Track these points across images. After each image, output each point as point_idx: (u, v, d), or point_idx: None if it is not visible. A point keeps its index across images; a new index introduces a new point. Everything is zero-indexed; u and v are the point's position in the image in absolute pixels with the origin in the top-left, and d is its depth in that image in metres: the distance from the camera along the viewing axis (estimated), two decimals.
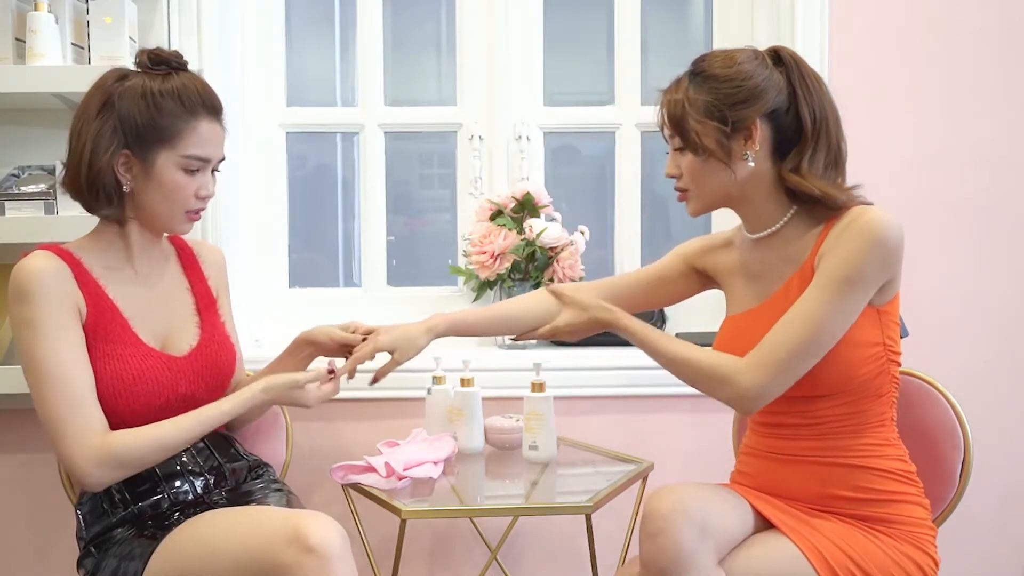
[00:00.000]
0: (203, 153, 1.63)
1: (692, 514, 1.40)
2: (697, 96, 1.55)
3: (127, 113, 1.59)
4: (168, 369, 1.63)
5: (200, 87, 1.64)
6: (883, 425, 1.59)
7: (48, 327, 1.54)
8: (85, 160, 1.58)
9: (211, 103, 1.65)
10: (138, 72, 1.64)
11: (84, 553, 1.64)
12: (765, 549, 1.49)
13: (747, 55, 1.57)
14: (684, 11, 2.74)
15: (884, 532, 1.54)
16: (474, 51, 2.45)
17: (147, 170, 1.61)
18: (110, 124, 1.59)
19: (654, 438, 2.28)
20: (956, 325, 2.33)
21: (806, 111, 1.55)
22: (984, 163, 2.32)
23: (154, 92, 1.60)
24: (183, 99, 1.61)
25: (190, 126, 1.61)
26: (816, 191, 1.53)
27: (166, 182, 1.61)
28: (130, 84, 1.61)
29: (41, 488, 2.23)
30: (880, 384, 1.57)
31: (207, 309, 1.77)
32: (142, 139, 1.60)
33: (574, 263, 2.31)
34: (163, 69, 1.63)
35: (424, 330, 1.74)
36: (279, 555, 1.41)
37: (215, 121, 1.66)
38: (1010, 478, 2.34)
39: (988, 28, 2.31)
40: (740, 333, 1.62)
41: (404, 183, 2.73)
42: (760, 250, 1.64)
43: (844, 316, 1.49)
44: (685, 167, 1.59)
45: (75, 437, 1.52)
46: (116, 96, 1.60)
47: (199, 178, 1.64)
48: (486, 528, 2.21)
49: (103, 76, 1.64)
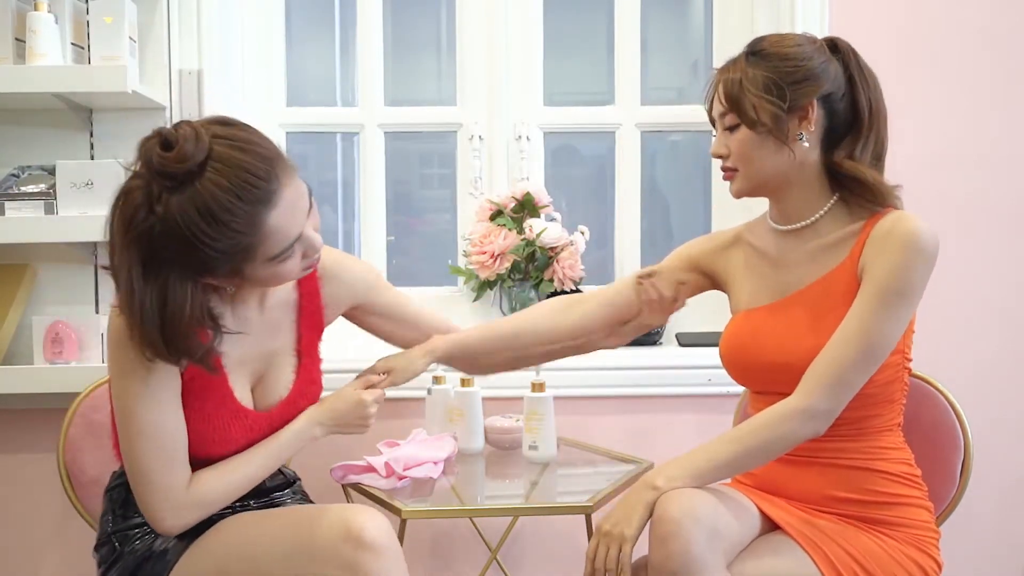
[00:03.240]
0: (289, 241, 1.37)
1: (702, 518, 1.39)
2: (756, 72, 1.54)
3: (183, 257, 1.32)
4: (250, 430, 1.55)
5: (237, 184, 1.30)
6: (891, 429, 1.59)
7: (147, 381, 1.41)
8: (154, 326, 1.33)
9: (260, 192, 1.32)
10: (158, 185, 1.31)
11: (104, 540, 1.58)
12: (771, 552, 1.48)
13: (805, 38, 1.57)
14: (684, 11, 2.74)
15: (888, 534, 1.53)
16: (474, 51, 2.45)
17: (240, 280, 1.41)
18: (172, 276, 1.32)
19: (654, 438, 2.28)
20: (956, 325, 2.32)
21: (863, 100, 1.55)
22: (984, 163, 2.32)
23: (196, 229, 1.29)
24: (231, 223, 1.30)
25: (260, 234, 1.33)
26: (869, 178, 1.53)
27: (267, 277, 1.42)
28: (165, 218, 1.30)
29: (41, 488, 2.23)
30: (893, 391, 1.57)
31: (308, 350, 1.62)
32: (216, 268, 1.35)
33: (574, 263, 2.31)
34: (182, 182, 1.30)
35: (420, 355, 1.70)
36: (334, 553, 1.39)
37: (280, 198, 1.34)
38: (1010, 478, 2.34)
39: (988, 28, 2.31)
40: (760, 327, 1.60)
41: (404, 183, 2.73)
42: (789, 242, 1.62)
43: (897, 327, 1.49)
44: (735, 146, 1.57)
45: (163, 491, 1.45)
46: (157, 240, 1.30)
47: (299, 246, 1.40)
48: (486, 528, 2.21)
49: (124, 206, 1.32)
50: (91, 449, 1.93)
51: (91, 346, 2.13)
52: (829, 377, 1.47)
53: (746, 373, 1.64)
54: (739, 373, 1.66)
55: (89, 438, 1.93)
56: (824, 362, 1.48)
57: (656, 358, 2.30)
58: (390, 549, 1.42)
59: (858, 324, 1.48)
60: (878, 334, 1.47)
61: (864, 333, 1.47)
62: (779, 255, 1.63)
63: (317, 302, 1.63)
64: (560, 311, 1.77)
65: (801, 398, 1.48)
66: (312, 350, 1.64)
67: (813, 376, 1.48)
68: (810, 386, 1.48)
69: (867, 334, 1.47)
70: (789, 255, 1.62)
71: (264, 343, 1.57)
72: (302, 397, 1.62)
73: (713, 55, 2.47)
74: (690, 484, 1.45)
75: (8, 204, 2.05)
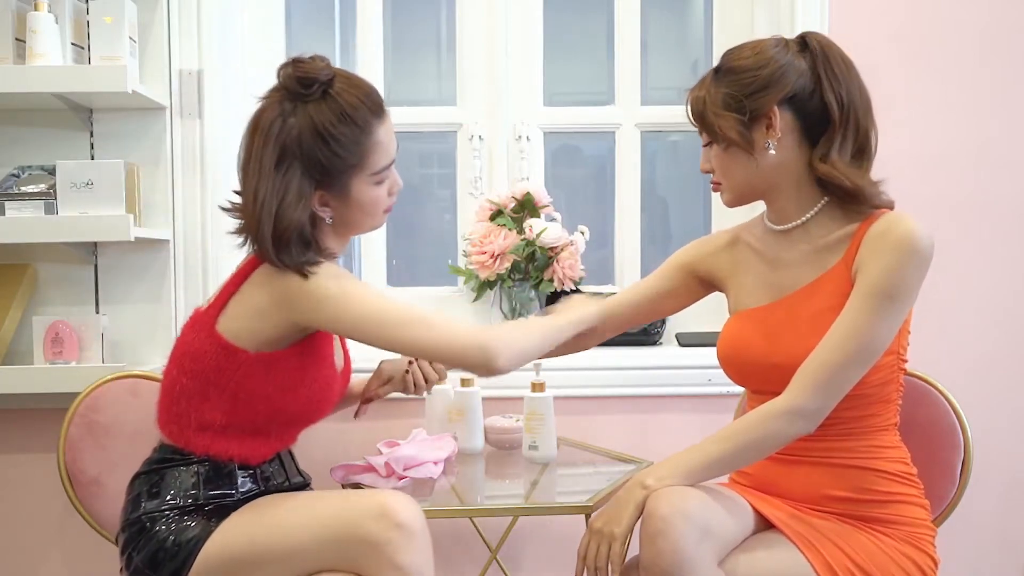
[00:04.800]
0: (389, 159, 1.61)
1: (692, 516, 1.39)
2: (717, 90, 1.55)
3: (310, 157, 1.53)
4: (332, 390, 1.69)
5: (363, 93, 1.57)
6: (887, 429, 1.59)
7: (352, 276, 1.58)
8: (271, 216, 1.51)
9: (378, 106, 1.59)
10: (290, 97, 1.54)
11: (132, 521, 1.58)
12: (765, 550, 1.49)
13: (768, 44, 1.56)
14: (684, 11, 2.74)
15: (884, 532, 1.54)
16: (474, 51, 2.45)
17: (344, 199, 1.58)
18: (295, 174, 1.53)
19: (654, 438, 2.28)
20: (956, 325, 2.33)
21: (831, 96, 1.53)
22: (984, 162, 2.32)
23: (328, 124, 1.53)
24: (356, 119, 1.55)
25: (372, 140, 1.57)
26: (847, 182, 1.52)
27: (366, 201, 1.60)
28: (300, 124, 1.53)
29: (41, 488, 2.24)
30: (889, 391, 1.57)
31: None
32: (332, 175, 1.55)
33: (574, 263, 2.31)
34: (318, 89, 1.55)
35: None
36: (367, 530, 1.45)
37: (386, 119, 1.60)
38: (1010, 478, 2.34)
39: (988, 28, 2.31)
40: (757, 327, 1.60)
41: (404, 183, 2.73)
42: (785, 242, 1.62)
43: (890, 329, 1.49)
44: (714, 161, 1.60)
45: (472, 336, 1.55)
46: (291, 143, 1.52)
47: (388, 179, 1.64)
48: (486, 528, 2.21)
49: (258, 120, 1.56)
50: (91, 449, 1.93)
51: (91, 346, 2.13)
52: (818, 377, 1.48)
53: (743, 373, 1.65)
54: (736, 373, 1.66)
55: (89, 438, 1.93)
56: (815, 362, 1.49)
57: (656, 358, 2.30)
58: (422, 534, 1.48)
59: (850, 325, 1.48)
60: (869, 336, 1.47)
61: (855, 334, 1.47)
62: (775, 255, 1.64)
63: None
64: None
65: (790, 397, 1.49)
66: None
67: (803, 376, 1.49)
68: (799, 385, 1.49)
69: (858, 335, 1.47)
70: (785, 255, 1.62)
71: None
72: (349, 362, 1.80)
73: (713, 55, 2.47)
74: (681, 483, 1.46)
75: (8, 204, 2.05)
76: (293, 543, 1.49)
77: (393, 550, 1.44)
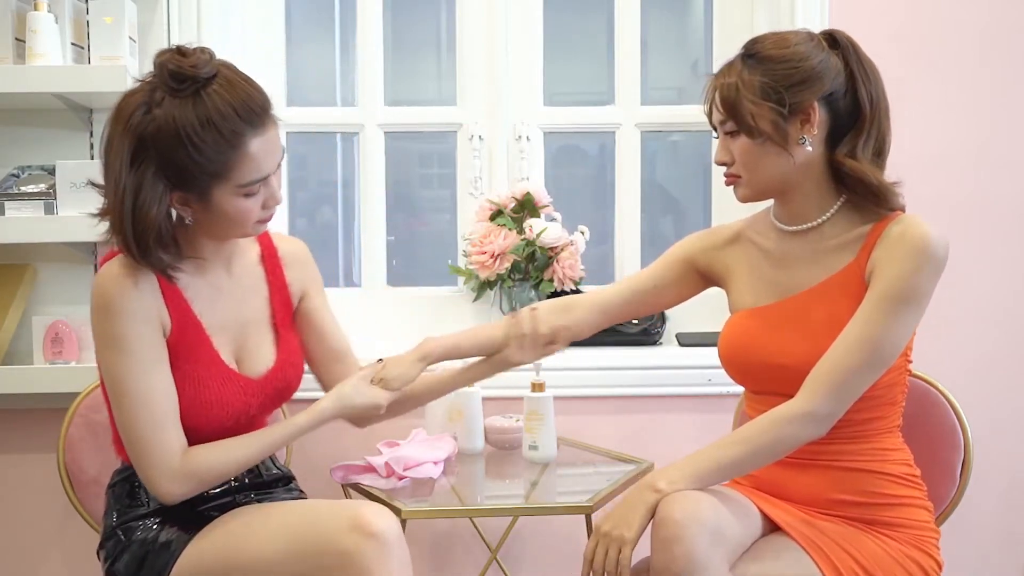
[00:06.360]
0: (260, 174, 1.48)
1: (705, 521, 1.38)
2: (752, 77, 1.50)
3: (165, 157, 1.42)
4: (244, 393, 1.59)
5: (238, 100, 1.44)
6: (892, 431, 1.59)
7: (133, 347, 1.48)
8: (128, 214, 1.43)
9: (254, 115, 1.46)
10: (163, 91, 1.43)
11: (108, 535, 1.60)
12: (774, 554, 1.48)
13: (802, 37, 1.54)
14: (684, 11, 2.75)
15: (889, 535, 1.53)
16: (474, 51, 2.45)
17: (205, 205, 1.49)
18: (150, 172, 1.43)
19: (654, 438, 2.28)
20: (956, 325, 2.32)
21: (864, 95, 1.52)
22: (984, 162, 2.32)
23: (188, 128, 1.41)
24: (221, 129, 1.42)
25: (240, 153, 1.45)
26: (872, 179, 1.50)
27: (229, 211, 1.49)
28: (160, 118, 1.42)
29: (41, 488, 2.23)
30: (896, 393, 1.57)
31: (283, 323, 1.69)
32: (189, 180, 1.45)
33: (574, 263, 2.31)
34: (189, 88, 1.43)
35: (414, 360, 1.69)
36: (340, 542, 1.41)
37: (265, 130, 1.48)
38: (1010, 478, 2.34)
39: (988, 28, 2.31)
40: (761, 327, 1.59)
41: (404, 183, 2.73)
42: (795, 242, 1.60)
43: (904, 333, 1.48)
44: (738, 152, 1.54)
45: (158, 457, 1.49)
46: (148, 138, 1.42)
47: (263, 191, 1.51)
48: (486, 528, 2.21)
49: (123, 104, 1.45)
50: (91, 449, 1.93)
51: (91, 346, 2.11)
52: (832, 381, 1.46)
53: (746, 373, 1.64)
54: (738, 372, 1.65)
55: (89, 438, 1.93)
56: (828, 365, 1.47)
57: (656, 358, 2.30)
58: (396, 544, 1.43)
59: (864, 329, 1.47)
60: (884, 340, 1.47)
61: (870, 339, 1.46)
62: (783, 255, 1.61)
63: (283, 280, 1.71)
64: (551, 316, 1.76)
65: (804, 401, 1.47)
66: (287, 324, 1.70)
67: (816, 379, 1.48)
68: (812, 389, 1.47)
69: (873, 340, 1.46)
70: (793, 255, 1.60)
71: (239, 310, 1.64)
72: (287, 367, 1.67)
73: (713, 55, 2.47)
74: (691, 486, 1.45)
75: (8, 204, 2.05)
76: (268, 556, 1.46)
77: (368, 562, 1.40)
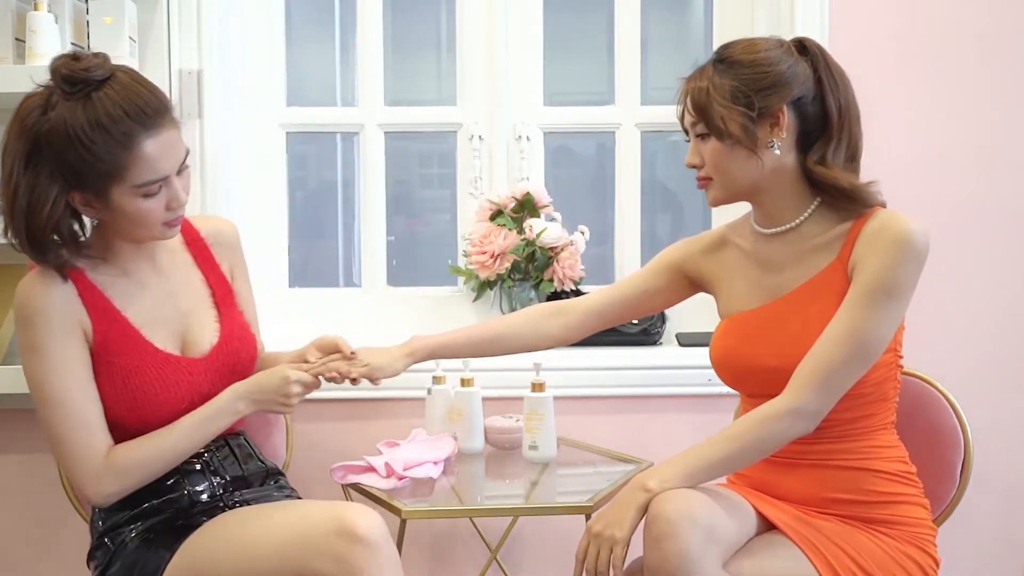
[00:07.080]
0: (157, 175, 1.48)
1: (698, 519, 1.39)
2: (723, 81, 1.53)
3: (59, 157, 1.44)
4: (188, 373, 1.60)
5: (128, 102, 1.45)
6: (885, 428, 1.59)
7: (50, 353, 1.51)
8: (21, 213, 1.46)
9: (145, 117, 1.46)
10: (58, 95, 1.45)
11: (97, 544, 1.61)
12: (769, 552, 1.49)
13: (771, 43, 1.56)
14: (684, 11, 2.75)
15: (885, 533, 1.54)
16: (474, 51, 2.45)
17: (106, 204, 1.49)
18: (45, 172, 1.45)
19: (654, 438, 2.28)
20: (955, 324, 2.32)
21: (832, 102, 1.54)
22: (983, 162, 2.32)
23: (79, 129, 1.42)
24: (111, 131, 1.43)
25: (132, 154, 1.45)
26: (845, 184, 1.52)
27: (129, 212, 1.50)
28: (53, 120, 1.44)
29: (41, 488, 2.23)
30: (887, 389, 1.57)
31: (224, 301, 1.71)
32: (84, 180, 1.46)
33: (574, 263, 2.31)
34: (81, 91, 1.44)
35: (402, 355, 1.73)
36: (328, 547, 1.42)
37: (159, 132, 1.48)
38: (1010, 478, 2.34)
39: (987, 29, 2.31)
40: (751, 331, 1.60)
41: (404, 183, 2.73)
42: (775, 245, 1.62)
43: (888, 326, 1.49)
44: (708, 155, 1.57)
45: (80, 459, 1.53)
46: (42, 139, 1.44)
47: (165, 192, 1.51)
48: (486, 528, 2.21)
49: (22, 107, 1.47)
50: None
51: None
52: (818, 377, 1.47)
53: (739, 377, 1.64)
54: (731, 377, 1.66)
55: None
56: (813, 362, 1.48)
57: (656, 358, 2.30)
58: (383, 546, 1.43)
59: (848, 324, 1.48)
60: (868, 334, 1.47)
61: (854, 334, 1.47)
62: (766, 258, 1.63)
63: (212, 260, 1.73)
64: (543, 319, 1.80)
65: (790, 397, 1.48)
66: (228, 301, 1.72)
67: (802, 376, 1.49)
68: (799, 385, 1.48)
69: (857, 334, 1.47)
70: (776, 257, 1.62)
71: (176, 303, 1.65)
72: (233, 339, 1.67)
73: None
74: (682, 485, 1.45)
75: None
76: (257, 562, 1.46)
77: (356, 566, 1.40)
